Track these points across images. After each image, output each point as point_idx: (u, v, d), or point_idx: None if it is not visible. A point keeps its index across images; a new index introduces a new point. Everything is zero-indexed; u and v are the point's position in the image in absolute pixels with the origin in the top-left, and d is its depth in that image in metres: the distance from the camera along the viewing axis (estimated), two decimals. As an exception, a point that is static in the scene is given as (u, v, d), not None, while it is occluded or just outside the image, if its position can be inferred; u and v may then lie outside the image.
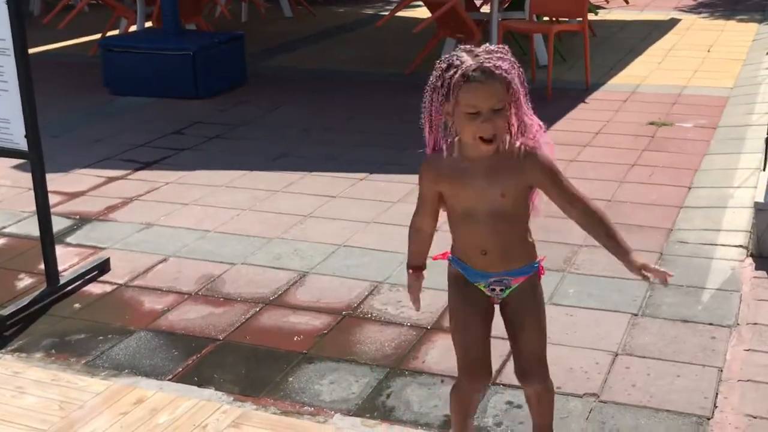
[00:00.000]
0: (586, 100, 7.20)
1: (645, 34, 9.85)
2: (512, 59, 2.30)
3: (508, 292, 2.51)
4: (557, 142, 6.49)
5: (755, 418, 2.98)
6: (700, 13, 11.37)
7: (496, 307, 2.57)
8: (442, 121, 2.37)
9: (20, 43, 3.63)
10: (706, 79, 7.74)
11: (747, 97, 6.99)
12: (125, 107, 7.26)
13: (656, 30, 10.09)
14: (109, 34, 9.31)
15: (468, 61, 2.26)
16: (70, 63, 9.15)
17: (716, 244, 4.32)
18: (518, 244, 2.49)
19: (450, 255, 2.55)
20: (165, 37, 7.80)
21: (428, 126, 2.40)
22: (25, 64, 3.67)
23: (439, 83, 2.30)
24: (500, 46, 2.33)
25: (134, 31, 8.99)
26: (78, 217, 4.94)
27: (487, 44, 2.36)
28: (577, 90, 7.45)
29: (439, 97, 2.31)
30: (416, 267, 2.63)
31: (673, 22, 10.58)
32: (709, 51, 8.94)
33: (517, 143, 2.38)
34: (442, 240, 2.64)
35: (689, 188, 5.11)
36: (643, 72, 8.12)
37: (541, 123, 2.43)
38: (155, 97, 7.41)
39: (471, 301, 2.53)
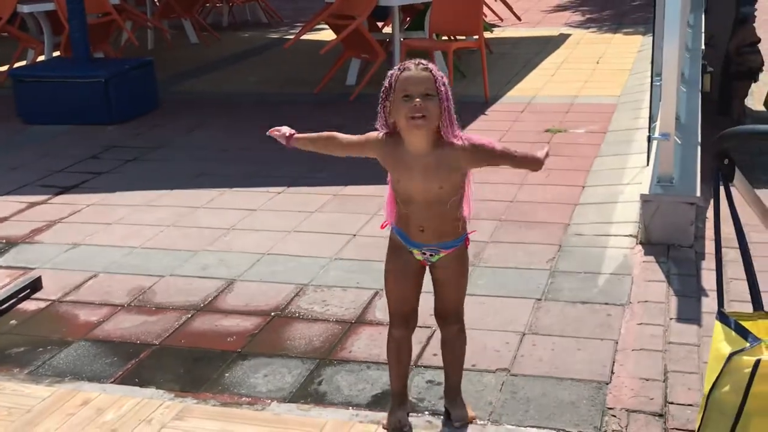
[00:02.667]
0: (486, 113, 7.59)
1: (538, 50, 10.34)
2: (442, 74, 2.76)
3: (437, 257, 2.93)
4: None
5: (647, 380, 3.33)
6: (588, 27, 11.97)
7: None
8: (384, 116, 2.79)
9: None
10: (596, 89, 8.23)
11: (633, 103, 7.48)
12: (40, 135, 7.33)
13: (548, 45, 10.60)
14: (17, 65, 9.32)
15: (408, 64, 2.74)
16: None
17: (609, 235, 4.71)
18: (450, 224, 2.89)
19: (393, 224, 2.96)
20: (76, 65, 7.89)
21: (379, 122, 2.83)
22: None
23: (386, 84, 2.75)
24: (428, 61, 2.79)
25: (44, 60, 9.03)
26: (4, 241, 5.04)
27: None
28: (477, 103, 7.83)
29: (385, 94, 2.75)
30: (294, 137, 3.04)
31: (563, 38, 11.12)
32: (597, 63, 9.47)
33: (448, 141, 2.77)
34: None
35: (583, 187, 5.51)
36: (538, 84, 8.57)
37: (462, 136, 2.86)
38: (69, 124, 7.49)
39: (405, 262, 2.95)
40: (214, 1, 13.09)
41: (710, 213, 4.61)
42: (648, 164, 4.89)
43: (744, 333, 2.25)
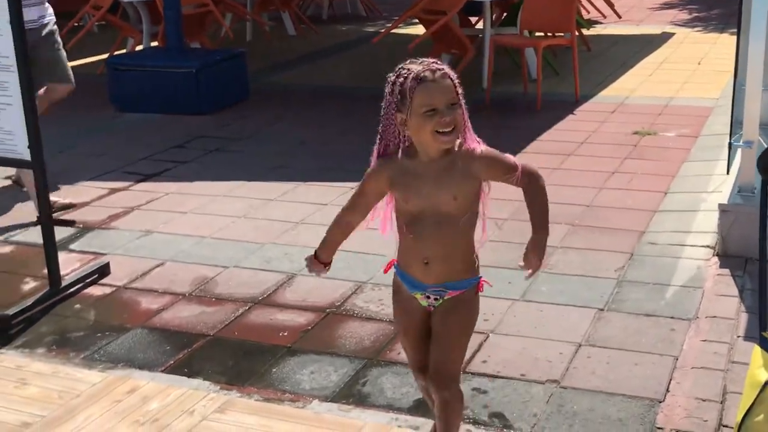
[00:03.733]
0: (574, 112, 7.42)
1: (638, 48, 10.07)
2: (451, 69, 2.46)
3: (441, 302, 2.59)
4: (543, 151, 6.80)
5: (704, 401, 3.18)
6: (694, 26, 11.59)
7: None
8: (395, 130, 2.48)
9: (22, 59, 3.89)
10: (694, 91, 7.95)
11: (730, 107, 7.18)
12: (130, 123, 7.54)
13: (650, 44, 10.31)
14: (117, 53, 9.60)
15: (415, 67, 2.41)
16: (78, 81, 9.40)
17: (685, 245, 4.54)
18: (461, 256, 2.56)
19: (395, 265, 2.66)
20: (169, 55, 8.08)
21: (379, 136, 2.52)
22: (27, 79, 3.93)
23: (391, 93, 2.43)
24: (435, 60, 2.48)
25: (140, 50, 9.28)
26: (81, 225, 5.19)
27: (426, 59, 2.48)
28: (567, 102, 7.67)
29: (392, 106, 2.44)
30: (325, 261, 2.77)
31: (666, 36, 10.80)
32: (699, 63, 9.15)
33: (466, 146, 2.49)
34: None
35: (665, 193, 5.32)
36: (633, 84, 8.34)
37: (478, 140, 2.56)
38: (159, 113, 7.67)
39: (409, 310, 2.64)
40: (315, -7, 13.22)
41: None
42: (728, 173, 4.68)
43: (784, 359, 2.12)
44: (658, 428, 3.04)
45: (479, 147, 2.51)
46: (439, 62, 2.46)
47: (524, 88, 8.05)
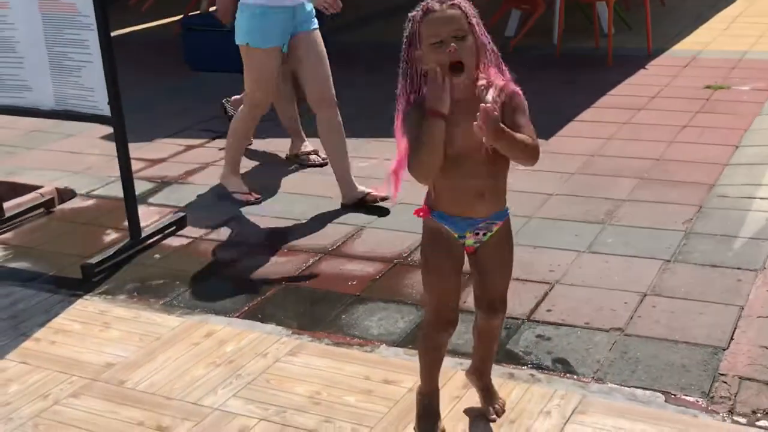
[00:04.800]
0: (646, 66, 7.34)
1: (714, 2, 9.85)
2: (469, 2, 2.42)
3: (489, 235, 2.61)
4: (613, 106, 6.76)
5: (767, 348, 3.20)
6: (774, -22, 11.26)
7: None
8: (415, 67, 2.44)
9: (102, 18, 4.01)
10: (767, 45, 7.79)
11: (808, 59, 7.03)
12: (203, 82, 7.67)
13: (726, -3, 10.09)
14: (191, 14, 9.75)
15: (430, 2, 2.40)
16: (154, 42, 9.65)
17: (755, 198, 4.50)
18: (504, 184, 2.57)
19: (431, 210, 2.61)
20: (241, 16, 8.17)
21: (403, 79, 2.48)
22: (106, 37, 4.06)
23: (408, 30, 2.42)
24: None
25: (214, 10, 9.39)
26: (159, 181, 5.37)
27: None
28: (639, 57, 7.58)
29: (410, 44, 2.42)
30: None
31: (743, -12, 10.54)
32: (776, 16, 8.94)
33: (492, 83, 2.43)
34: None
35: (737, 147, 5.26)
36: (707, 38, 8.19)
37: (507, 74, 2.50)
38: (231, 72, 7.77)
39: (450, 255, 2.62)
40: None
41: None
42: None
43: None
44: (721, 374, 3.06)
45: (510, 84, 2.46)
46: None
47: (596, 43, 7.97)
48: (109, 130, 5.88)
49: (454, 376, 3.13)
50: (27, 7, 4.19)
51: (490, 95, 2.42)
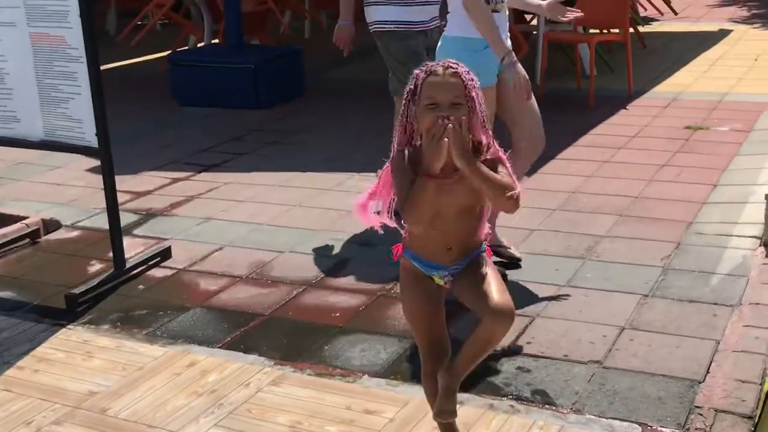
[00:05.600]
0: (627, 107, 7.45)
1: (694, 45, 10.02)
2: (470, 73, 2.49)
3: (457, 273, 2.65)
4: (595, 144, 6.84)
5: (743, 382, 3.24)
6: (753, 23, 11.49)
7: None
8: (410, 121, 2.51)
9: (92, 51, 4.07)
10: (749, 87, 7.92)
11: (786, 102, 7.16)
12: (191, 117, 7.76)
13: (706, 41, 10.26)
14: (179, 50, 9.85)
15: (435, 65, 2.49)
16: (142, 77, 9.72)
17: (731, 235, 4.57)
18: (476, 237, 2.64)
19: (403, 250, 2.69)
20: (229, 52, 8.30)
21: (401, 129, 2.54)
22: (95, 70, 4.11)
23: (410, 85, 2.50)
24: (460, 62, 2.51)
25: (200, 46, 9.52)
26: (144, 213, 5.40)
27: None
28: (620, 97, 7.69)
29: (411, 100, 2.49)
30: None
31: (723, 33, 10.72)
32: (756, 60, 9.09)
33: (477, 139, 2.52)
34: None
35: (715, 186, 5.35)
36: (687, 80, 8.33)
37: (493, 139, 2.56)
38: (219, 107, 7.88)
39: (426, 292, 2.69)
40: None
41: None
42: (777, 163, 4.71)
43: (812, 332, 2.18)
44: (697, 407, 3.11)
45: (493, 146, 2.55)
46: (460, 65, 2.51)
47: (578, 85, 8.10)
48: (95, 162, 5.94)
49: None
50: (18, 40, 4.25)
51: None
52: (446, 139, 2.40)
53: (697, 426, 3.01)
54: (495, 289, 2.57)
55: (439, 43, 4.23)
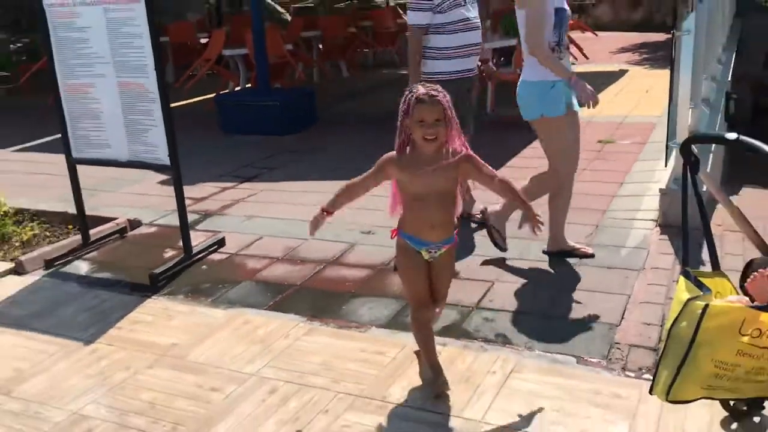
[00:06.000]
0: (555, 128, 7.50)
1: (602, 81, 10.02)
2: (447, 95, 2.63)
3: (439, 254, 2.83)
4: (533, 156, 6.79)
5: (649, 324, 3.32)
6: (643, 65, 11.57)
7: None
8: (405, 130, 2.69)
9: (163, 94, 4.11)
10: (643, 111, 7.98)
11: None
12: (234, 142, 7.75)
13: (610, 78, 10.30)
14: (222, 92, 9.85)
15: (421, 90, 2.63)
16: (194, 114, 9.69)
17: (636, 219, 4.64)
18: (450, 220, 2.79)
19: (400, 231, 2.84)
20: (260, 93, 8.30)
21: (399, 134, 2.72)
22: (167, 108, 4.14)
23: (404, 105, 2.65)
24: (437, 87, 2.65)
25: (237, 90, 9.52)
26: (203, 213, 5.42)
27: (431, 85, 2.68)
28: (550, 121, 7.73)
29: (404, 114, 2.65)
30: (330, 211, 2.98)
31: (622, 72, 10.79)
32: (647, 92, 9.17)
33: (453, 147, 2.69)
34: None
35: (621, 183, 5.42)
36: (598, 108, 8.30)
37: (465, 144, 2.72)
38: (254, 134, 7.89)
39: (416, 262, 2.83)
40: (363, 47, 13.37)
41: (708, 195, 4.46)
42: (666, 166, 4.78)
43: (699, 285, 2.26)
44: (616, 343, 3.18)
45: (466, 151, 2.69)
46: (439, 89, 2.62)
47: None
48: (164, 177, 5.98)
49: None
50: (108, 87, 4.27)
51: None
52: (432, 143, 2.64)
53: (616, 357, 3.08)
54: (444, 286, 2.90)
55: (519, 86, 4.01)
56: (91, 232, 4.84)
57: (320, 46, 12.49)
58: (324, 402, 2.90)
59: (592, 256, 4.11)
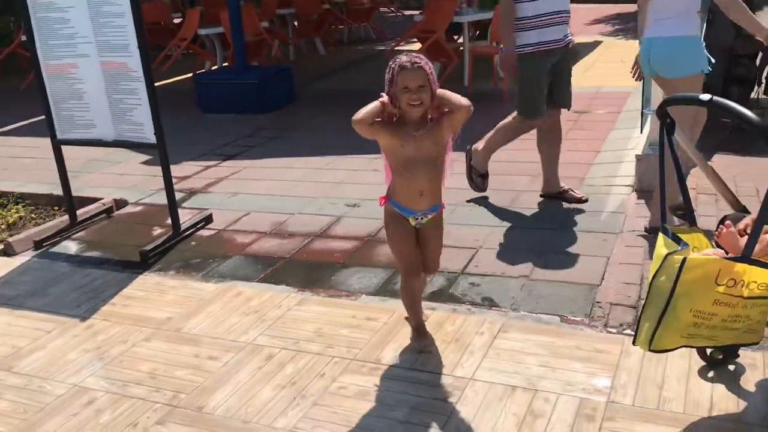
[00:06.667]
0: (531, 99, 7.60)
1: (577, 53, 10.19)
2: (429, 63, 2.68)
3: (426, 220, 2.89)
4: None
5: (628, 284, 3.44)
6: (617, 36, 11.71)
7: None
8: (392, 93, 2.70)
9: (148, 73, 4.14)
10: (617, 81, 8.09)
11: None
12: (213, 121, 7.75)
13: (585, 49, 10.41)
14: (199, 72, 9.80)
15: (404, 58, 2.69)
16: (172, 94, 9.63)
17: (613, 185, 4.77)
18: (438, 188, 2.83)
19: (388, 198, 2.87)
20: (237, 72, 8.28)
21: (388, 95, 2.72)
22: (151, 87, 4.16)
23: (388, 74, 2.71)
24: (420, 55, 2.71)
25: (215, 69, 9.49)
26: (188, 191, 5.45)
27: (414, 52, 2.75)
28: (526, 93, 7.83)
29: (389, 83, 2.70)
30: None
31: (597, 43, 10.92)
32: (622, 61, 9.28)
33: (437, 113, 2.73)
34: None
35: (598, 152, 5.55)
36: (574, 79, 8.37)
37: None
38: (233, 113, 7.89)
39: (404, 228, 2.89)
40: (337, 23, 13.33)
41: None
42: (642, 132, 4.91)
43: (678, 240, 2.38)
44: (597, 302, 3.31)
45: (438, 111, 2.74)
46: (421, 57, 2.68)
47: (494, 84, 8.24)
48: (147, 157, 6.00)
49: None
50: (92, 66, 4.27)
51: None
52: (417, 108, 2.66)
53: (598, 315, 3.21)
54: (435, 252, 2.96)
55: (654, 44, 3.78)
56: (78, 212, 4.86)
57: (295, 24, 12.44)
58: (319, 366, 2.99)
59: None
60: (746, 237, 2.28)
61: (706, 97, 2.31)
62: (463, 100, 2.71)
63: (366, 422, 2.63)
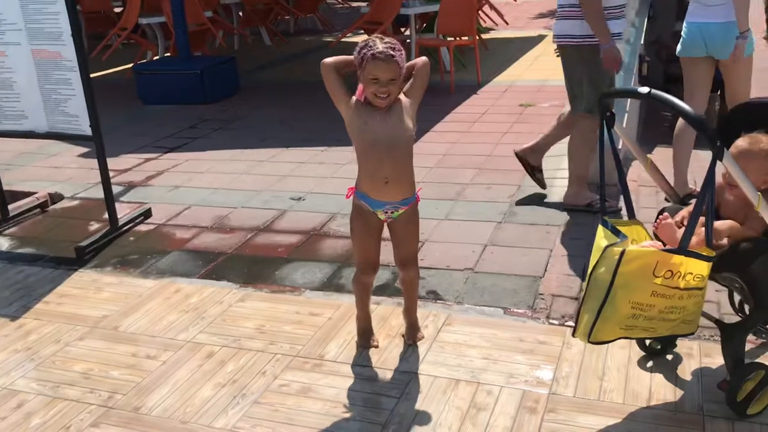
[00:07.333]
0: (477, 93, 7.65)
1: (522, 46, 10.31)
2: (402, 50, 2.55)
3: (396, 215, 2.74)
4: (456, 120, 6.97)
5: (569, 276, 3.49)
6: (561, 30, 11.85)
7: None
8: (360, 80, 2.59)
9: (83, 62, 4.00)
10: (561, 75, 8.19)
11: (587, 85, 7.47)
12: (154, 112, 7.58)
13: (529, 43, 10.55)
14: (140, 62, 9.55)
15: (378, 45, 2.51)
16: (112, 85, 9.37)
17: (555, 178, 4.83)
18: (408, 176, 2.67)
19: (355, 191, 2.75)
20: (180, 62, 8.10)
21: (359, 79, 2.60)
22: (86, 76, 4.03)
23: (357, 56, 2.54)
24: (395, 41, 2.56)
25: (157, 59, 9.26)
26: (127, 185, 5.31)
27: (389, 38, 2.57)
28: (472, 86, 7.89)
29: (358, 65, 2.55)
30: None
31: (541, 37, 11.04)
32: (565, 56, 9.41)
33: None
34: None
35: (542, 145, 5.60)
36: (519, 72, 8.59)
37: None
38: (175, 104, 7.72)
39: (369, 224, 2.75)
40: (284, 13, 13.17)
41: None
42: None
43: (617, 232, 2.40)
44: (540, 294, 3.35)
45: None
46: (395, 43, 2.52)
47: (441, 77, 8.26)
48: (83, 150, 5.82)
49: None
50: (22, 55, 4.11)
51: None
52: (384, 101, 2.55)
53: (541, 306, 3.24)
54: (407, 248, 2.80)
55: (709, 29, 4.10)
56: (10, 207, 4.68)
57: (240, 14, 12.24)
58: (261, 364, 2.94)
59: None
60: (683, 229, 2.31)
61: (644, 90, 2.33)
62: (418, 60, 2.64)
63: (308, 419, 2.59)
